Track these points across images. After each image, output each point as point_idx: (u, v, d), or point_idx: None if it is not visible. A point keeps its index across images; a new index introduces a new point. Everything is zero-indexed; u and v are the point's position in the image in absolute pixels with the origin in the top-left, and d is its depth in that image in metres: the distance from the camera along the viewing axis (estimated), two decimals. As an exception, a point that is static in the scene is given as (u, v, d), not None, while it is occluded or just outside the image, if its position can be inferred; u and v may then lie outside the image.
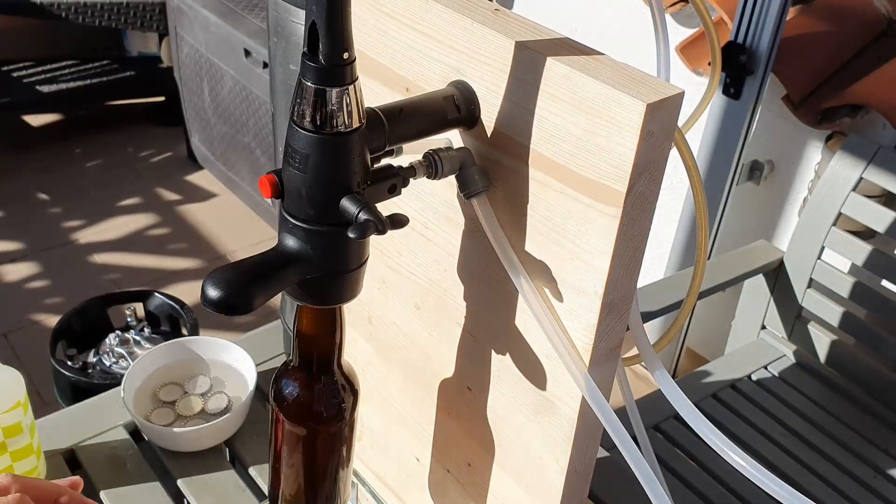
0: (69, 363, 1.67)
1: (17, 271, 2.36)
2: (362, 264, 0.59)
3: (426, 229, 0.71)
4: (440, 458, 0.78)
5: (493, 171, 0.62)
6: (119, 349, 1.69)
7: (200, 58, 2.50)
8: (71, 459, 0.94)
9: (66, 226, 2.55)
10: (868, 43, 1.54)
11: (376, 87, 0.70)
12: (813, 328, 1.56)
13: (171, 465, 0.94)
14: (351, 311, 0.83)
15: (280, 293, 0.58)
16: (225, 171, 2.62)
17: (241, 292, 0.52)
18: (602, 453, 0.95)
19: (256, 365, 0.99)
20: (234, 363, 1.02)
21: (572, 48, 0.56)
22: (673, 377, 1.29)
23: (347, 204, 0.54)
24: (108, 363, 1.68)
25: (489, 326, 0.68)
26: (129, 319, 1.76)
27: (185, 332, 1.73)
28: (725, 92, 1.60)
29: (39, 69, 2.85)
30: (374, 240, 0.58)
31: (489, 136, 0.61)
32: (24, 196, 2.65)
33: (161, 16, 2.73)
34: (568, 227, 0.58)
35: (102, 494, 0.90)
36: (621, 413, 0.63)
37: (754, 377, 1.56)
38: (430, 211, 0.69)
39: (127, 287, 2.27)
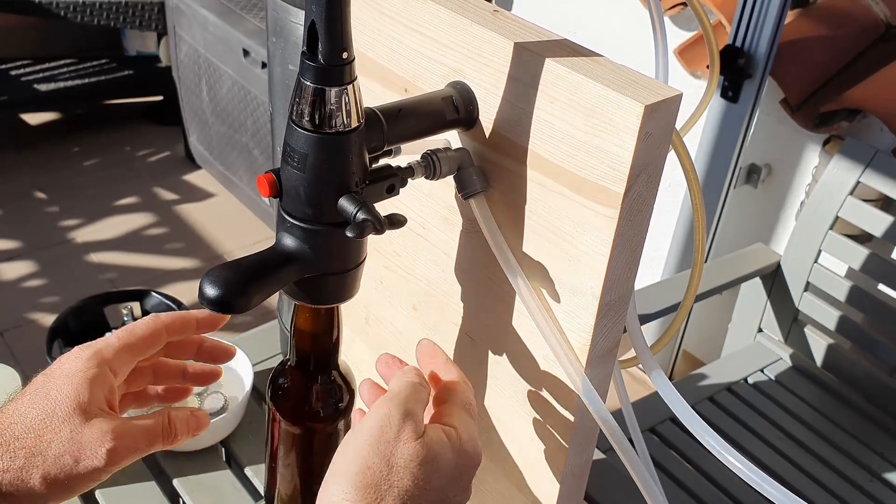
0: (65, 362, 1.66)
1: (14, 270, 2.35)
2: (360, 264, 0.59)
3: (424, 230, 0.71)
4: (436, 459, 0.78)
5: (492, 172, 0.62)
6: (115, 348, 1.69)
7: (199, 57, 2.50)
8: (67, 458, 0.94)
9: (63, 224, 2.54)
10: (866, 47, 1.54)
11: (375, 87, 0.70)
12: (809, 331, 1.56)
13: (166, 464, 0.94)
14: (348, 312, 0.83)
15: (277, 293, 0.58)
16: (223, 171, 2.61)
17: (238, 291, 0.52)
18: (598, 455, 0.95)
19: (253, 365, 0.99)
20: (230, 363, 1.02)
21: (571, 50, 0.56)
22: (669, 380, 1.30)
23: (345, 203, 0.54)
24: (104, 362, 1.67)
25: (486, 327, 0.68)
26: (125, 319, 1.76)
27: (181, 331, 1.73)
28: (723, 95, 1.60)
29: (37, 67, 2.85)
30: (371, 240, 0.58)
31: (487, 136, 0.61)
32: (22, 195, 2.65)
33: (160, 15, 2.73)
34: (565, 228, 0.58)
35: (98, 494, 0.90)
36: (617, 415, 0.63)
37: (751, 380, 1.56)
38: (429, 211, 0.69)
39: (124, 286, 2.26)
